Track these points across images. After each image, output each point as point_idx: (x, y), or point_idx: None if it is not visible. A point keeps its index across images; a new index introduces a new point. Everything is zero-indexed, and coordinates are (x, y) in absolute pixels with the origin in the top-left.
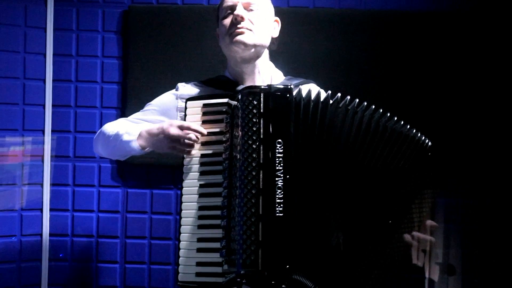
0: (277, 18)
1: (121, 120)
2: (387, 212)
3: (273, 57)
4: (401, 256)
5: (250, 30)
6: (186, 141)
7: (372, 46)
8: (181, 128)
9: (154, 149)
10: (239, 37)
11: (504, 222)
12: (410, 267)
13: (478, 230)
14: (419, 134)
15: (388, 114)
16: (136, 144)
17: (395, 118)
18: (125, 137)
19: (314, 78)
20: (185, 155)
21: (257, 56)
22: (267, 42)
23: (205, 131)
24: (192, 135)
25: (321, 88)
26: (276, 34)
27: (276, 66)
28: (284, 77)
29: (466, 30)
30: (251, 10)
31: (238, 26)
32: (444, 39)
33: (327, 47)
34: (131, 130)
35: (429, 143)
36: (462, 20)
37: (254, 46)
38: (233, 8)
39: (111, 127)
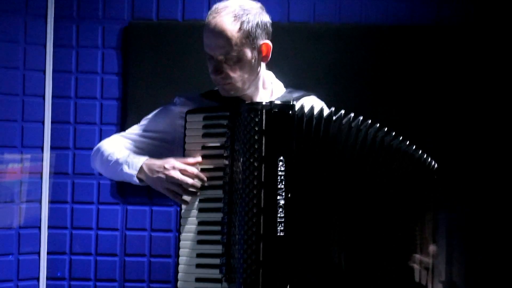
0: (267, 42)
1: (118, 138)
2: (389, 232)
3: (273, 71)
4: (403, 275)
5: (231, 83)
6: (187, 187)
7: (373, 60)
8: (183, 172)
9: (151, 186)
10: (224, 90)
11: (507, 237)
12: (413, 286)
13: (481, 246)
14: (425, 156)
15: (393, 133)
16: (136, 180)
17: (400, 137)
18: (125, 169)
19: (314, 92)
20: (180, 202)
21: (250, 85)
22: (254, 76)
23: (205, 178)
24: (193, 181)
25: (322, 101)
26: (267, 59)
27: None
28: (284, 89)
29: (467, 44)
30: (228, 59)
31: (220, 82)
32: (445, 53)
33: (327, 62)
34: (131, 160)
35: (435, 165)
36: (463, 34)
37: (241, 90)
38: (211, 56)
39: (109, 148)
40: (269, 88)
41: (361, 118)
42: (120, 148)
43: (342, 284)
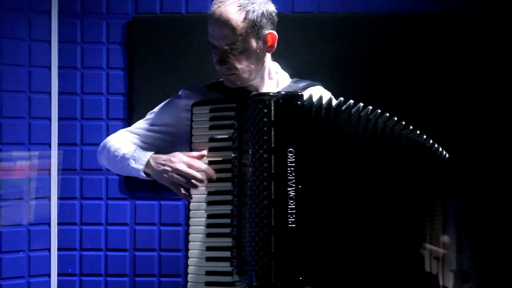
0: (272, 32)
1: (124, 134)
2: (399, 222)
3: (278, 62)
4: (413, 265)
5: (236, 74)
6: (192, 180)
7: (378, 49)
8: (190, 166)
9: (157, 179)
10: (229, 80)
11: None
12: (423, 275)
13: (491, 234)
14: (436, 145)
15: (403, 122)
16: (143, 174)
17: (411, 127)
18: (132, 164)
19: (320, 82)
20: (184, 197)
21: (256, 76)
22: (260, 67)
23: (214, 176)
24: (199, 175)
25: (328, 91)
26: (272, 49)
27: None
28: (290, 79)
29: (472, 31)
30: (234, 49)
31: (224, 72)
32: (450, 40)
33: (332, 51)
34: (137, 154)
35: (447, 155)
36: (467, 21)
37: (247, 80)
38: (215, 46)
39: (115, 144)
40: (274, 79)
41: (370, 107)
42: (127, 144)
43: (353, 275)
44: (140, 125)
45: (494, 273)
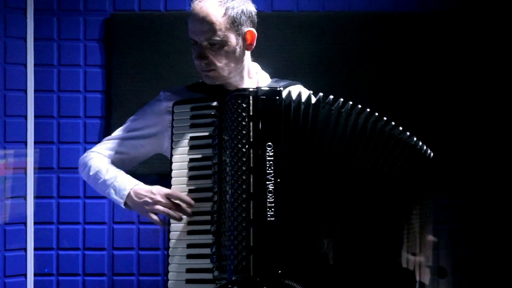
0: (251, 30)
1: (103, 151)
2: (378, 218)
3: (258, 61)
4: (391, 264)
5: (215, 70)
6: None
7: (357, 48)
8: (169, 197)
9: (137, 212)
10: (208, 77)
11: (493, 222)
12: (400, 271)
13: (468, 231)
14: (420, 143)
15: (385, 118)
16: (124, 207)
17: (393, 123)
18: (113, 194)
19: (300, 81)
20: (165, 227)
21: (235, 74)
22: (239, 64)
23: (193, 202)
24: (178, 206)
25: (307, 90)
26: (251, 47)
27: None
28: (270, 79)
29: (454, 29)
30: (213, 43)
31: (203, 68)
32: (432, 40)
33: (312, 50)
34: (118, 184)
35: (431, 154)
36: (451, 20)
37: (226, 78)
38: (195, 41)
39: (95, 164)
40: (254, 78)
41: (350, 103)
42: (108, 166)
43: (331, 268)
44: (123, 133)
45: (470, 268)
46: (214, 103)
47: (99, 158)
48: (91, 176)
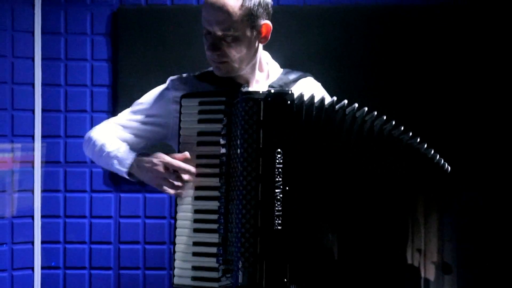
0: (267, 23)
1: (110, 126)
2: (386, 226)
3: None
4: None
5: (227, 62)
6: (175, 182)
7: (364, 41)
8: (169, 167)
9: (141, 179)
10: (219, 69)
11: (498, 218)
12: (405, 267)
13: (473, 227)
14: (438, 156)
15: (402, 128)
16: (127, 176)
17: (410, 133)
18: (116, 165)
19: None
20: (170, 194)
21: (247, 67)
22: (252, 58)
23: (194, 169)
24: (180, 175)
25: (318, 82)
26: (265, 40)
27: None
28: (281, 70)
29: (462, 23)
30: (227, 35)
31: (215, 59)
32: (439, 32)
33: (318, 44)
34: (121, 155)
35: (449, 168)
36: (458, 13)
37: (237, 70)
38: (209, 31)
39: (100, 138)
40: (265, 70)
41: (365, 109)
42: (112, 139)
43: (338, 276)
44: (127, 115)
45: (475, 265)
46: (224, 99)
47: (103, 133)
48: (95, 150)
